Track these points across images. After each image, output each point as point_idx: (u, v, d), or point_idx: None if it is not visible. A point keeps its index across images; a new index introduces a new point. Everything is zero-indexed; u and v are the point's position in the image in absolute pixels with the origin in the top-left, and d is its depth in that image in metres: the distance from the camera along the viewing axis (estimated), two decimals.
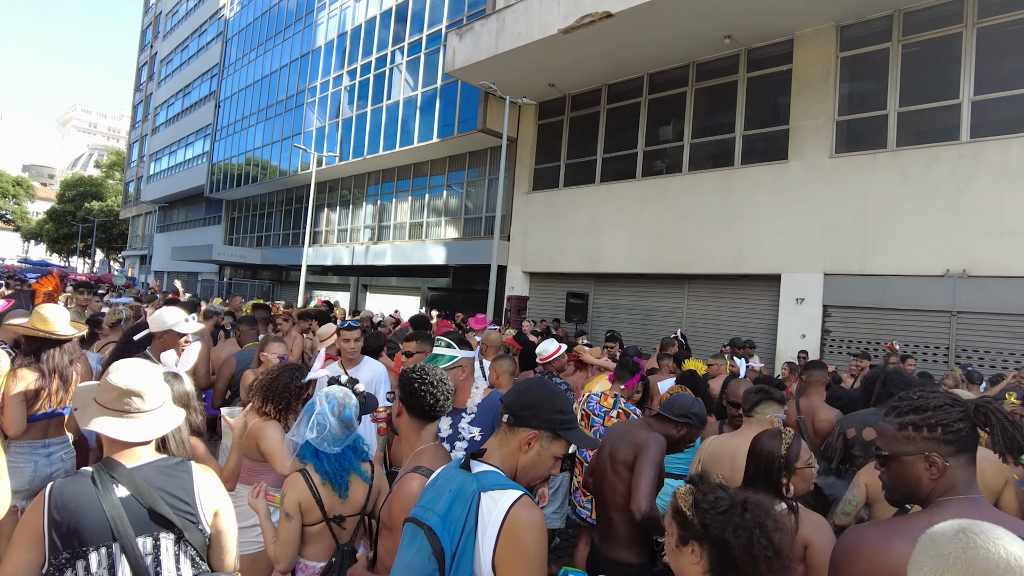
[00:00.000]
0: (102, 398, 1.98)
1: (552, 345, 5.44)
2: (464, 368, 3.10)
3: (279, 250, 27.84)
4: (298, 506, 2.47)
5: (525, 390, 1.72)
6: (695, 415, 2.91)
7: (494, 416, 2.93)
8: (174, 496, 1.97)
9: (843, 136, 11.23)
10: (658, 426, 2.92)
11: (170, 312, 3.71)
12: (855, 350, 10.68)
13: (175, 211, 40.71)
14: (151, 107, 44.47)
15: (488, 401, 3.15)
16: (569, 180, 15.72)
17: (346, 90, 22.40)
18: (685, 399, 2.99)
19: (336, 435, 2.53)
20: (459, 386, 3.03)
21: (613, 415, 4.20)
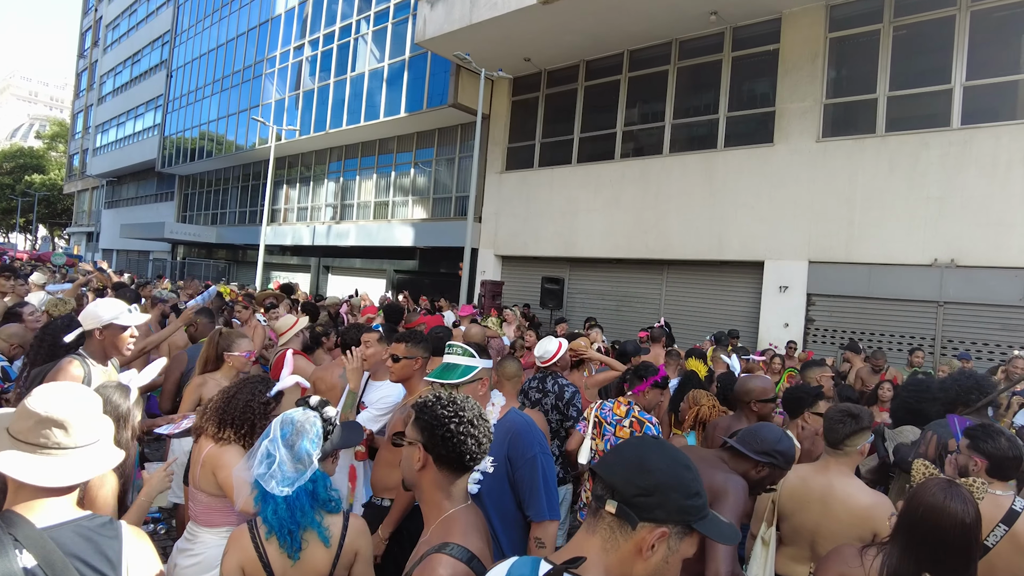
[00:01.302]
0: (15, 427, 1.48)
1: (552, 343, 4.89)
2: (484, 382, 2.54)
3: (235, 228, 26.57)
4: (240, 571, 1.87)
5: (644, 463, 1.15)
6: (781, 454, 2.33)
7: (510, 442, 2.39)
8: (95, 571, 1.46)
9: (830, 120, 10.90)
10: (732, 463, 2.38)
11: (106, 305, 3.03)
12: (840, 340, 10.47)
13: (124, 186, 38.64)
14: (96, 75, 41.97)
15: (506, 423, 2.49)
16: (544, 160, 15.12)
17: (307, 61, 21.25)
18: (771, 431, 2.40)
19: (287, 472, 1.92)
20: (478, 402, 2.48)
21: (626, 424, 3.70)
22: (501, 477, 2.35)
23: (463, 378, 2.45)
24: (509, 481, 2.35)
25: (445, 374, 2.47)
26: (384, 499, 3.04)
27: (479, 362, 2.51)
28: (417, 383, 3.13)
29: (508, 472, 2.35)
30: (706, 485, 2.28)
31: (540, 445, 2.37)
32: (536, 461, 2.32)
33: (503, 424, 2.46)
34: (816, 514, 2.56)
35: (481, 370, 2.51)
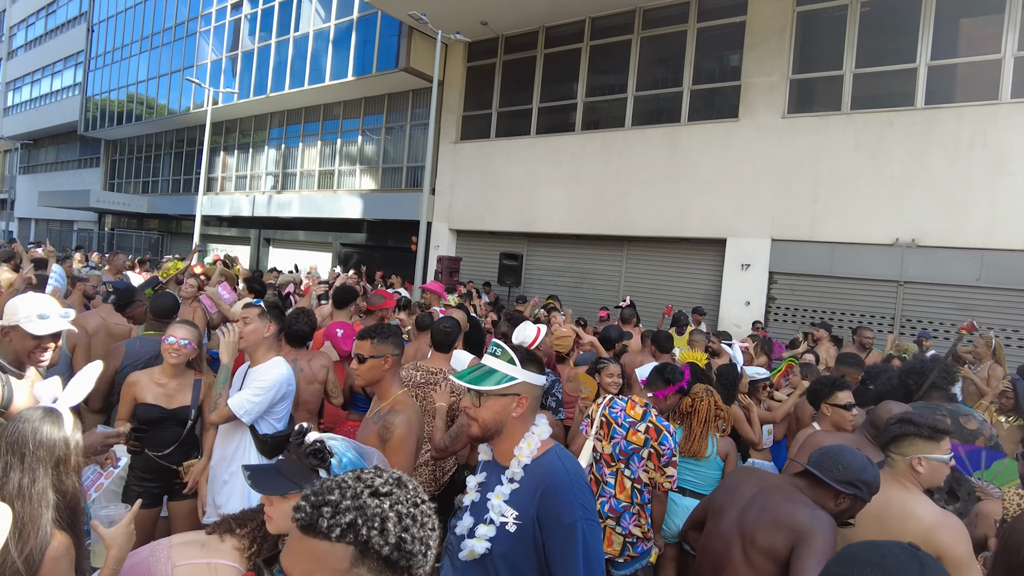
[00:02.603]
0: None
1: (531, 329, 4.46)
2: (522, 401, 1.86)
3: (169, 198, 24.94)
4: None
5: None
6: (866, 484, 1.97)
7: (543, 498, 1.75)
8: None
9: (796, 96, 10.73)
10: (809, 492, 1.99)
11: (14, 302, 2.41)
12: (801, 319, 10.45)
13: (42, 150, 35.79)
14: (5, 26, 38.50)
15: (541, 469, 1.82)
16: (501, 131, 14.53)
17: (246, 19, 19.83)
18: (853, 456, 2.01)
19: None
20: (507, 427, 1.86)
21: (641, 429, 3.28)
22: (525, 539, 1.76)
23: (496, 386, 1.83)
24: (535, 547, 1.76)
25: (477, 378, 1.85)
26: None
27: (521, 373, 1.85)
28: (389, 387, 2.62)
29: (536, 536, 1.75)
30: (787, 523, 1.90)
31: (584, 507, 1.73)
32: (576, 530, 1.69)
33: (536, 469, 1.82)
34: (871, 535, 2.22)
35: (521, 384, 1.85)
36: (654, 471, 3.23)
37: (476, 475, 1.96)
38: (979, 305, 9.12)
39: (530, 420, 1.89)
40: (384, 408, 2.55)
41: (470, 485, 1.96)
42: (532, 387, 1.88)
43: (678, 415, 3.63)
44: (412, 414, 2.51)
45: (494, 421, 1.83)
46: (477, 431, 1.85)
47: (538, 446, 1.85)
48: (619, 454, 3.30)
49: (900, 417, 2.41)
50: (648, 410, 3.33)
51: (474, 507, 1.91)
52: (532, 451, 1.84)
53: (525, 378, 1.85)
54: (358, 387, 4.20)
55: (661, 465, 3.22)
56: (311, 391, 3.76)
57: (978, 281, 9.11)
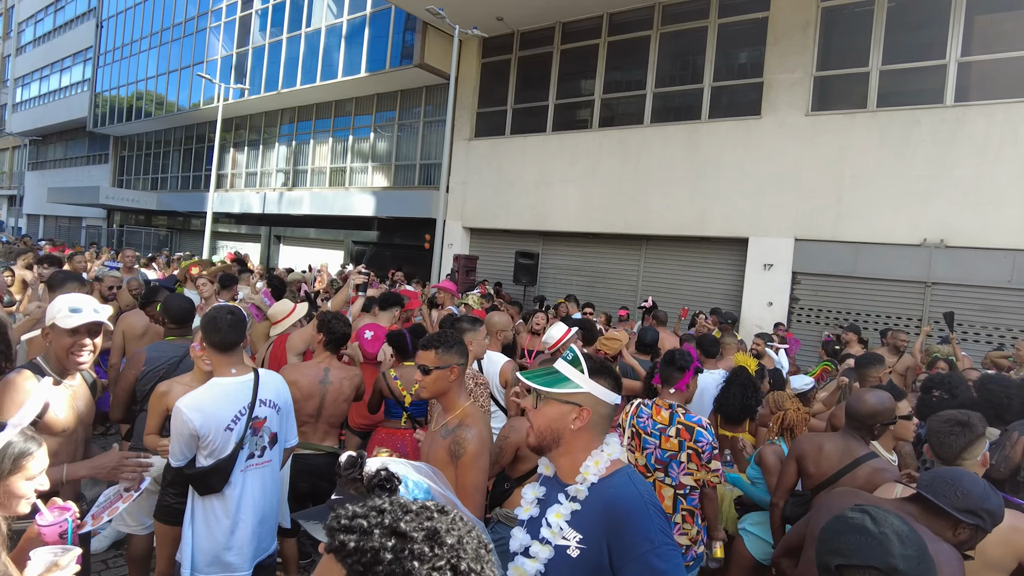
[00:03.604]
0: None
1: (559, 329, 4.33)
2: (583, 414, 1.69)
3: (178, 195, 24.86)
4: None
5: None
6: (989, 513, 1.80)
7: (613, 524, 1.58)
8: None
9: (820, 93, 10.53)
10: (923, 519, 1.83)
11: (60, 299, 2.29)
12: (825, 320, 10.28)
13: (51, 146, 35.76)
14: (13, 22, 38.46)
15: (610, 492, 1.64)
16: (516, 128, 14.37)
17: (257, 14, 19.69)
18: (974, 483, 1.83)
19: None
20: (565, 440, 1.70)
21: (671, 432, 3.15)
22: (589, 567, 1.60)
23: (553, 389, 1.69)
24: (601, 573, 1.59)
25: (546, 379, 1.72)
26: None
27: (586, 382, 1.70)
28: (455, 398, 2.47)
29: (603, 565, 1.58)
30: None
31: (663, 533, 1.57)
32: (653, 559, 1.52)
33: (604, 490, 1.64)
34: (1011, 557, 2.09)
35: (584, 395, 1.69)
36: (698, 471, 3.11)
37: (534, 488, 1.82)
38: (1010, 307, 8.94)
39: (596, 437, 1.72)
40: (452, 422, 2.40)
41: (527, 498, 1.82)
42: (598, 401, 1.70)
43: (777, 430, 3.49)
44: (484, 428, 2.38)
45: (549, 429, 1.70)
46: (532, 439, 1.73)
47: (607, 465, 1.68)
48: (655, 464, 3.18)
49: (956, 422, 2.32)
50: (674, 411, 3.21)
51: (531, 523, 1.77)
52: (600, 470, 1.67)
53: (590, 389, 1.70)
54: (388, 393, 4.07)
55: (704, 463, 3.10)
56: (337, 408, 3.61)
57: (1009, 283, 8.92)
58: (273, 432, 2.74)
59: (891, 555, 1.39)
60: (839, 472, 2.75)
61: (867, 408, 2.84)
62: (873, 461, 2.76)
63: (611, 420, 1.77)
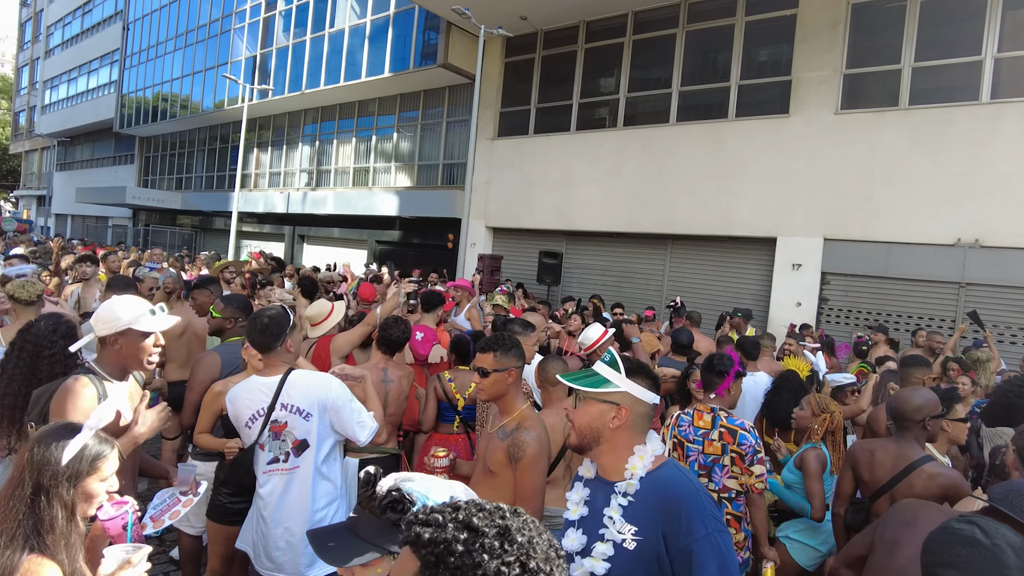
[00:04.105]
0: None
1: (595, 330, 4.32)
2: (620, 412, 1.75)
3: (202, 194, 25.17)
4: None
5: None
6: None
7: (668, 513, 1.64)
8: None
9: (850, 91, 10.39)
10: None
11: (124, 303, 2.32)
12: (855, 320, 10.15)
13: (78, 147, 36.37)
14: (43, 26, 39.16)
15: (660, 483, 1.71)
16: (540, 127, 14.36)
17: (281, 15, 19.88)
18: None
19: None
20: (605, 438, 1.77)
21: (714, 436, 3.13)
22: (647, 558, 1.65)
23: (590, 389, 1.77)
24: (660, 565, 1.65)
25: (585, 380, 1.81)
26: None
27: (624, 382, 1.77)
28: (513, 401, 2.49)
29: (661, 553, 1.64)
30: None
31: (715, 519, 1.64)
32: (708, 544, 1.60)
33: (654, 483, 1.71)
34: None
35: (622, 394, 1.76)
36: (742, 474, 3.09)
37: (578, 489, 1.89)
38: None
39: (636, 436, 1.79)
40: (510, 424, 2.43)
41: (572, 500, 1.89)
42: (636, 400, 1.78)
43: (821, 433, 3.45)
44: (542, 431, 2.39)
45: (589, 428, 1.78)
46: (573, 438, 1.81)
47: (652, 460, 1.76)
48: (698, 469, 3.16)
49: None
50: (716, 414, 3.19)
51: (584, 523, 1.82)
52: (646, 464, 1.75)
53: (628, 388, 1.77)
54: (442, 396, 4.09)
55: (747, 466, 3.07)
56: (399, 407, 3.64)
57: None
58: (299, 439, 2.66)
59: (1007, 567, 1.37)
60: (894, 478, 2.71)
61: (911, 404, 2.81)
62: (929, 465, 2.72)
63: (650, 419, 1.83)
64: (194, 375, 3.37)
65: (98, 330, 2.24)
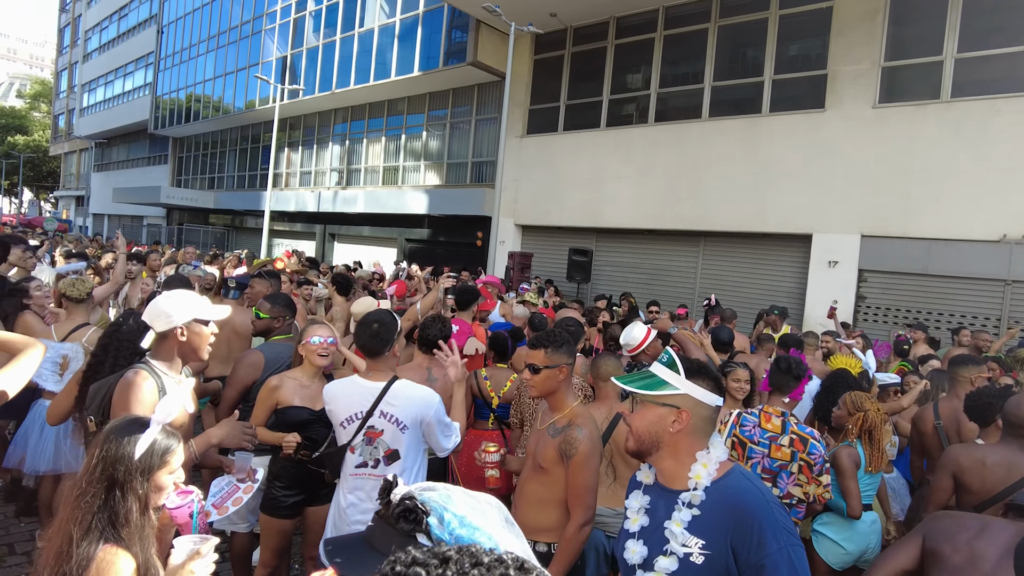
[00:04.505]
0: None
1: (640, 330, 4.28)
2: (682, 416, 1.65)
3: (234, 193, 25.59)
4: None
5: None
6: None
7: (737, 525, 1.56)
8: None
9: (889, 84, 10.17)
10: None
11: (183, 297, 2.36)
12: (894, 319, 9.94)
13: (114, 148, 37.25)
14: (80, 31, 40.15)
15: (727, 492, 1.61)
16: (569, 124, 14.31)
17: (311, 16, 20.10)
18: None
19: None
20: (665, 443, 1.68)
21: (784, 442, 3.05)
22: (716, 571, 1.58)
23: (648, 391, 1.68)
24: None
25: (642, 382, 1.71)
26: (536, 542, 2.43)
27: (683, 383, 1.66)
28: (563, 398, 2.48)
29: (731, 569, 1.57)
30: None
31: (788, 531, 1.55)
32: (783, 558, 1.51)
33: (721, 492, 1.61)
34: None
35: (682, 396, 1.66)
36: (808, 483, 3.02)
37: (637, 497, 1.79)
38: None
39: (698, 440, 1.68)
40: (561, 421, 2.42)
41: (632, 508, 1.79)
42: (697, 403, 1.66)
43: (856, 431, 3.38)
44: (594, 428, 2.38)
45: (647, 433, 1.68)
46: (632, 443, 1.72)
47: (716, 467, 1.65)
48: (761, 473, 3.06)
49: None
50: (787, 419, 3.11)
51: (644, 533, 1.72)
52: (711, 472, 1.64)
53: (688, 390, 1.66)
54: (477, 393, 4.10)
55: (815, 476, 3.01)
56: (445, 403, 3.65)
57: None
58: (392, 449, 2.66)
59: None
60: (1008, 489, 2.61)
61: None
62: None
63: (714, 423, 1.73)
64: (235, 373, 3.42)
65: (158, 325, 2.27)
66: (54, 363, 3.88)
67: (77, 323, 4.17)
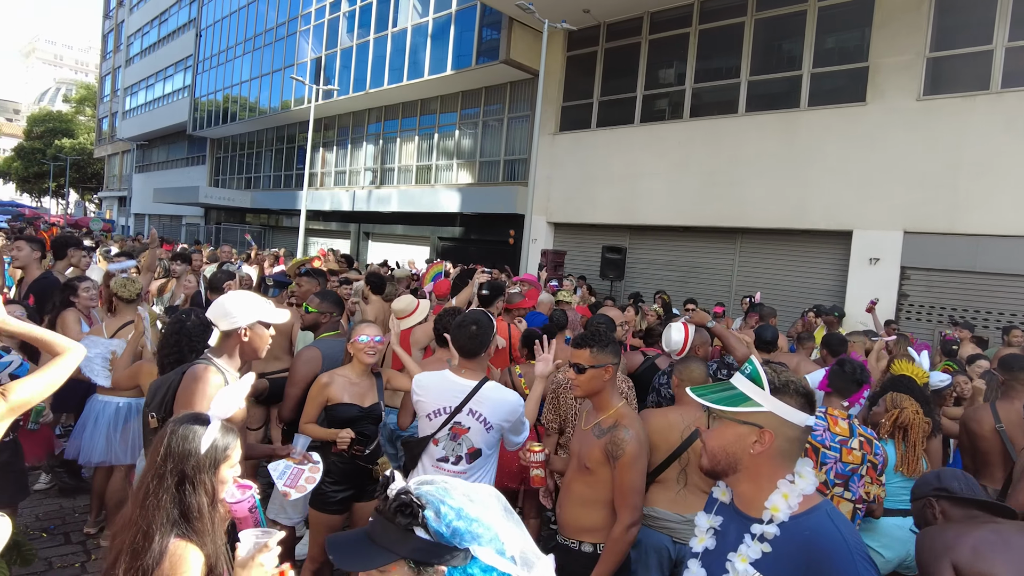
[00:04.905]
0: None
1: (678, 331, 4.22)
2: (765, 436, 1.47)
3: (270, 193, 26.06)
4: None
5: None
6: None
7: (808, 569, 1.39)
8: None
9: (934, 76, 9.87)
10: None
11: (246, 298, 2.41)
12: (938, 317, 9.67)
13: (154, 149, 38.27)
14: (123, 36, 41.31)
15: (809, 528, 1.43)
16: (602, 120, 14.22)
17: (344, 17, 20.33)
18: None
19: None
20: (744, 465, 1.51)
21: (854, 445, 2.94)
22: None
23: (727, 407, 1.50)
24: None
25: (720, 396, 1.54)
26: (581, 542, 2.42)
27: (768, 400, 1.47)
28: (608, 398, 2.47)
29: None
30: None
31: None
32: None
33: (798, 530, 1.43)
34: None
35: (766, 414, 1.47)
36: (871, 484, 2.96)
37: (709, 516, 1.65)
38: None
39: (784, 464, 1.49)
40: (606, 421, 2.41)
41: (700, 527, 1.65)
42: (783, 423, 1.46)
43: (889, 428, 3.29)
44: (640, 429, 2.36)
45: (723, 453, 1.52)
46: (705, 462, 1.57)
47: (799, 500, 1.45)
48: (834, 478, 2.95)
49: None
50: (852, 422, 3.04)
51: (707, 557, 1.60)
52: (791, 505, 1.45)
53: (773, 408, 1.46)
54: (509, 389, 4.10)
55: (878, 476, 2.96)
56: None
57: None
58: (475, 447, 2.68)
59: None
60: None
61: None
62: None
63: (802, 444, 1.53)
64: (295, 370, 3.48)
65: (223, 324, 2.34)
66: (104, 359, 4.01)
67: (126, 320, 4.29)
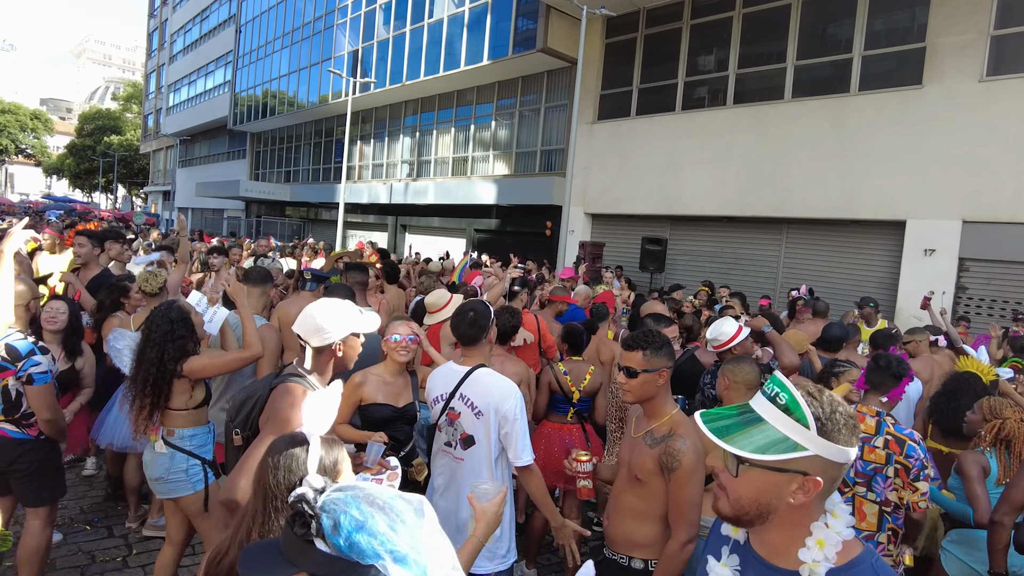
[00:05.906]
0: None
1: (731, 325, 4.02)
2: (810, 484, 1.13)
3: (309, 186, 26.33)
4: None
5: None
6: None
7: None
8: None
9: (998, 55, 9.35)
10: None
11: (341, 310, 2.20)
12: (1000, 311, 9.19)
13: (197, 145, 39.08)
14: (167, 34, 42.22)
15: None
16: (642, 108, 13.91)
17: (381, 8, 20.31)
18: None
19: None
20: (781, 517, 1.19)
21: (878, 443, 2.81)
22: None
23: (765, 456, 1.14)
24: None
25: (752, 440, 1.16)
26: (631, 558, 2.28)
27: (815, 442, 1.13)
28: (662, 404, 2.28)
29: None
30: None
31: None
32: None
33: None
34: None
35: (812, 459, 1.13)
36: (903, 488, 2.78)
37: (722, 555, 1.35)
38: None
39: (817, 507, 1.20)
40: (659, 430, 2.23)
41: (712, 570, 1.36)
42: (829, 465, 1.15)
43: (991, 440, 3.08)
44: (698, 439, 2.16)
45: (754, 504, 1.19)
46: (727, 509, 1.23)
47: (837, 549, 1.17)
48: (854, 476, 2.88)
49: None
50: (882, 419, 2.86)
51: None
52: (828, 556, 1.17)
53: (821, 451, 1.13)
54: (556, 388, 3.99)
55: (911, 480, 2.76)
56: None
57: None
58: (467, 433, 2.63)
59: None
60: None
61: None
62: None
63: (839, 482, 1.21)
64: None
65: (314, 341, 2.16)
66: (131, 350, 3.99)
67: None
